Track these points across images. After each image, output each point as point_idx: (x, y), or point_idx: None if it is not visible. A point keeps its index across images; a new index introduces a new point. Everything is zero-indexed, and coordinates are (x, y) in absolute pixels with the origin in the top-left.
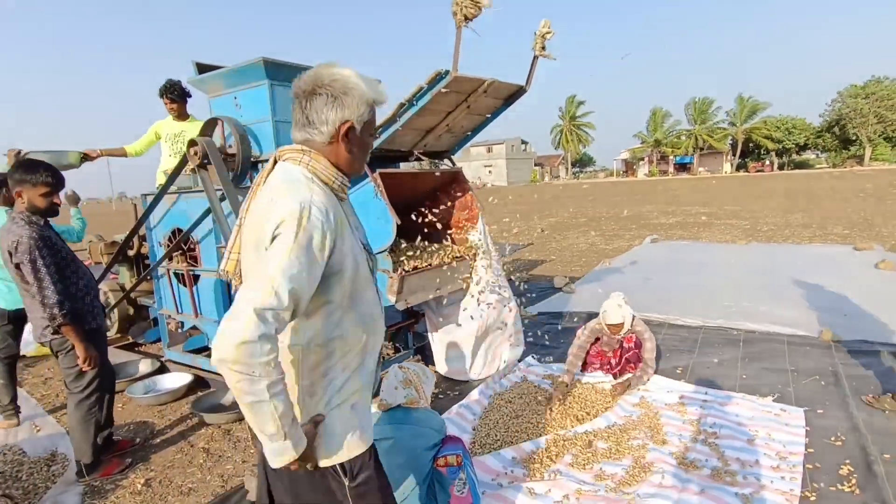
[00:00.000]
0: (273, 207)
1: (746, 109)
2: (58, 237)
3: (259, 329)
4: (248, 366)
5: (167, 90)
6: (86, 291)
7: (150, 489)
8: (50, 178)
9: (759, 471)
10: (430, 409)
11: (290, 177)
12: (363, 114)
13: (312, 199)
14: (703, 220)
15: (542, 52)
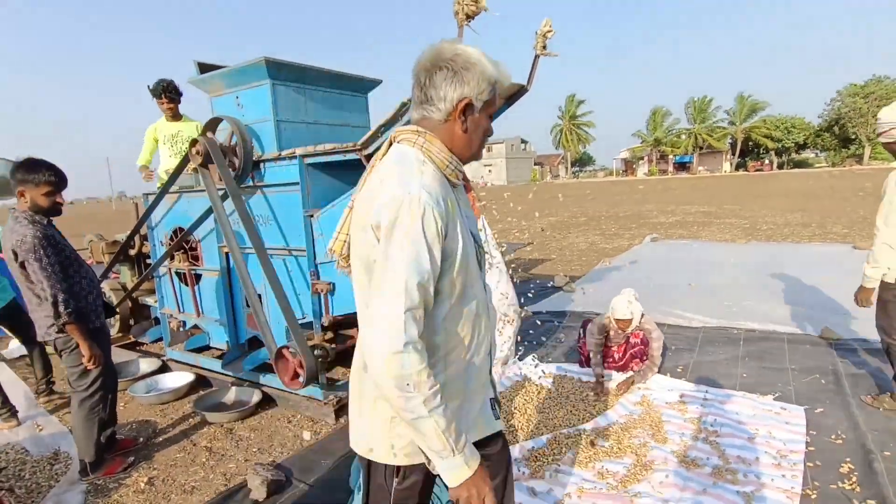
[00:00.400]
0: (383, 190)
1: (746, 108)
2: (61, 236)
3: (402, 336)
4: (400, 379)
5: (165, 90)
6: (89, 290)
7: (154, 488)
8: (52, 177)
9: (759, 469)
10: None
11: (403, 159)
12: (483, 91)
13: (423, 182)
14: (702, 219)
15: (544, 51)
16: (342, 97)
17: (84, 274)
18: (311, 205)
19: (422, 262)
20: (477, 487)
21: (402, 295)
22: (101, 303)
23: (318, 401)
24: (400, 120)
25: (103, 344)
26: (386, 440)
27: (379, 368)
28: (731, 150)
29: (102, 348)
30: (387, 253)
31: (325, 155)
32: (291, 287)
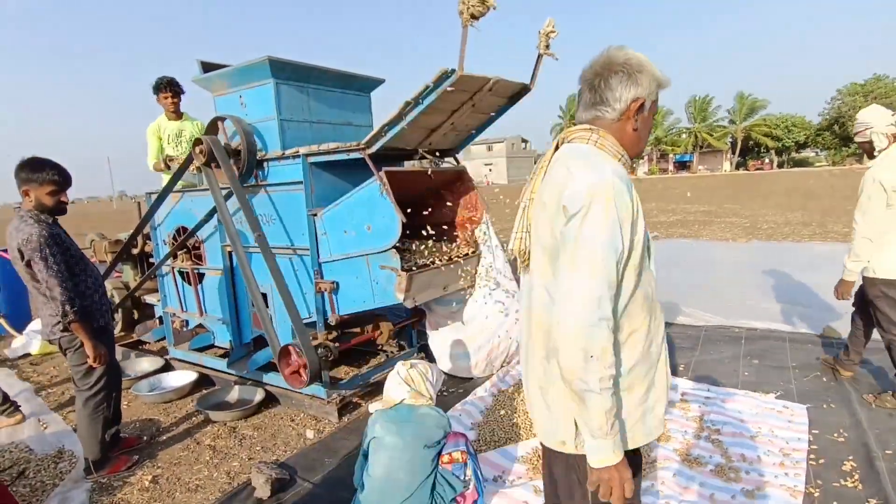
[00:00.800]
0: (575, 178)
1: (746, 107)
2: (66, 235)
3: (596, 311)
4: (585, 351)
5: (168, 85)
6: (94, 289)
7: (158, 486)
8: (56, 176)
9: (762, 467)
10: (434, 407)
11: (584, 153)
12: (653, 93)
13: (615, 170)
14: (703, 218)
15: (547, 51)
16: (345, 96)
17: (90, 273)
18: (314, 204)
19: (616, 242)
20: (619, 473)
21: (598, 272)
22: (106, 302)
23: (321, 399)
24: (404, 119)
25: (107, 343)
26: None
27: (567, 340)
28: (732, 149)
29: (107, 347)
30: (582, 233)
31: (329, 154)
32: (296, 286)
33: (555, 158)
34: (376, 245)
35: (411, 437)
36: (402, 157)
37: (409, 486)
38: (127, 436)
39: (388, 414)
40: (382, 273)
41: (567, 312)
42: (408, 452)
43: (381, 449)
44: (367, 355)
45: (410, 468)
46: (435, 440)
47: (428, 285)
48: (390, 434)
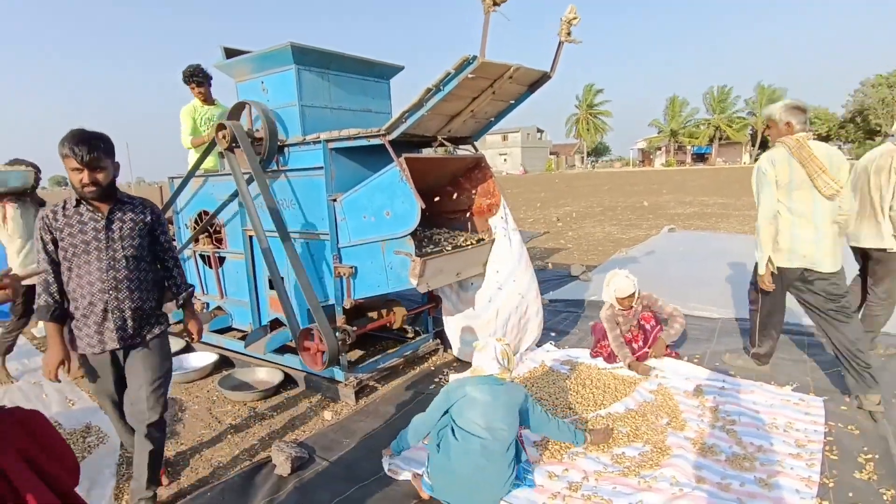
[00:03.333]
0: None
1: (766, 98)
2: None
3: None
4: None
5: (193, 74)
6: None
7: (182, 461)
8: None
9: (777, 458)
10: (515, 383)
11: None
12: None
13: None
14: (721, 210)
15: (568, 38)
16: (365, 83)
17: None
18: (334, 189)
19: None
20: None
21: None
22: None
23: (338, 382)
24: (424, 105)
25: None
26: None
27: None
28: (751, 141)
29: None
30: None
31: (350, 140)
32: (314, 270)
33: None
34: (395, 231)
35: (504, 397)
36: (421, 143)
37: (505, 441)
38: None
39: (476, 380)
40: (397, 258)
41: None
42: (501, 409)
43: (476, 406)
44: (383, 340)
45: (505, 420)
46: (519, 402)
47: (441, 271)
48: (484, 393)
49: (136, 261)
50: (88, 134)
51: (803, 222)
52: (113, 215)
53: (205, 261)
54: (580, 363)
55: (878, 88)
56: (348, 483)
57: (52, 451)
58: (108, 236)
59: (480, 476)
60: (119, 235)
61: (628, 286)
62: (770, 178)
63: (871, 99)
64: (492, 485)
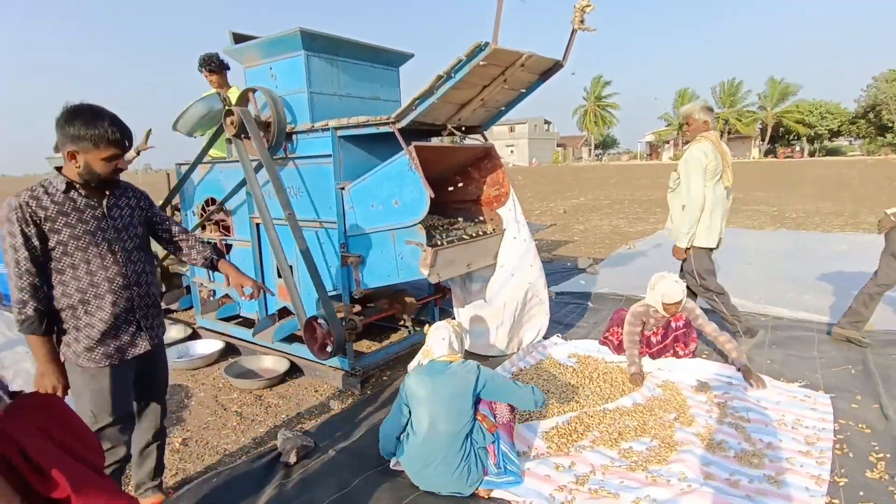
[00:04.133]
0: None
1: (777, 92)
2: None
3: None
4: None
5: (206, 62)
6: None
7: (188, 448)
8: (119, 134)
9: (787, 454)
10: (462, 361)
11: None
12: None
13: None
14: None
15: (581, 26)
16: (374, 70)
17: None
18: (342, 177)
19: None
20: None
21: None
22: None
23: (344, 371)
24: (435, 93)
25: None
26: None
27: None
28: (761, 135)
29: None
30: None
31: (359, 127)
32: (322, 259)
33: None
34: (403, 220)
35: (446, 390)
36: (430, 132)
37: (449, 434)
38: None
39: (421, 371)
40: (408, 248)
41: None
42: (443, 402)
43: (421, 404)
44: (390, 331)
45: (448, 418)
46: (469, 385)
47: (452, 261)
48: (425, 388)
49: (145, 252)
50: (111, 113)
51: (718, 206)
52: (110, 202)
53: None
54: (587, 356)
55: (891, 84)
56: (354, 472)
57: (75, 432)
58: (113, 225)
59: (431, 470)
60: (122, 224)
61: (677, 292)
62: (702, 167)
63: (884, 94)
64: (442, 477)
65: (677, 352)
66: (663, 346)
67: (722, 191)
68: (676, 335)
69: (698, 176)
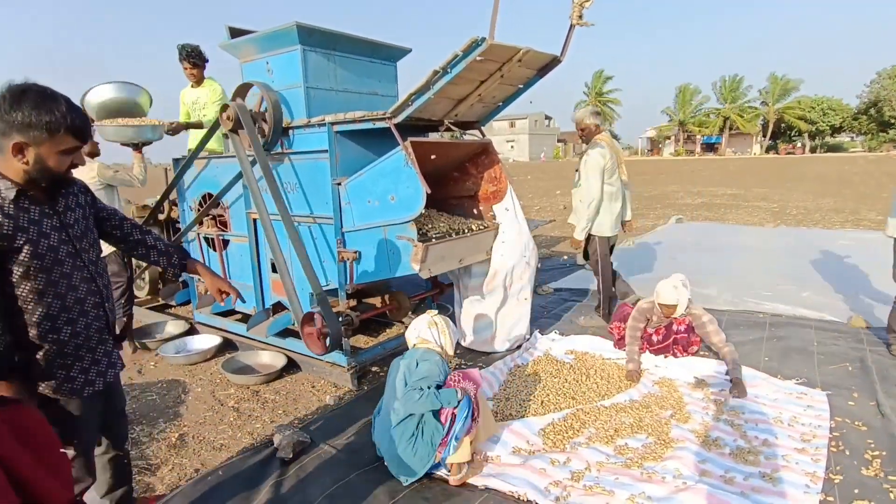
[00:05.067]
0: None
1: (779, 88)
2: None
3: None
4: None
5: (189, 55)
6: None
7: (184, 443)
8: (79, 121)
9: (782, 451)
10: (428, 349)
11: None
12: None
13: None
14: (729, 201)
15: (580, 21)
16: (372, 65)
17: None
18: (339, 173)
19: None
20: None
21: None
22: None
23: (341, 367)
24: (431, 88)
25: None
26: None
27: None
28: (762, 131)
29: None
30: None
31: (355, 123)
32: (318, 254)
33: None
34: (400, 216)
35: (402, 372)
36: (427, 128)
37: (399, 412)
38: (143, 496)
39: (401, 358)
40: (399, 243)
41: None
42: (399, 386)
43: (388, 386)
44: (387, 326)
45: (399, 395)
46: (417, 385)
47: (443, 257)
48: (392, 370)
49: (101, 260)
50: (65, 96)
51: (616, 200)
52: (60, 205)
53: (209, 243)
54: (585, 353)
55: (894, 80)
56: (350, 468)
57: (41, 458)
58: (73, 234)
59: (385, 443)
60: (80, 231)
61: (669, 295)
62: (600, 168)
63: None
64: (393, 450)
65: (675, 354)
66: (663, 346)
67: (619, 185)
68: (676, 338)
69: (596, 177)
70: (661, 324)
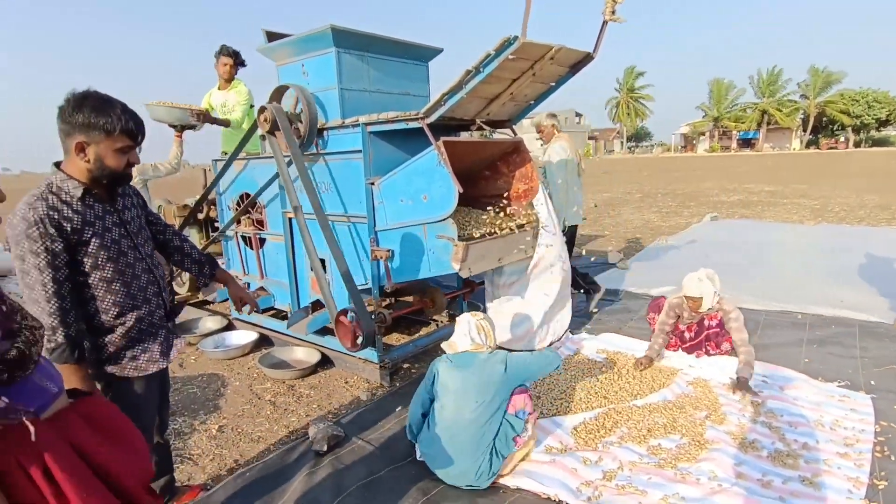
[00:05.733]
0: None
1: (820, 81)
2: (120, 219)
3: None
4: None
5: (235, 54)
6: (129, 310)
7: (224, 434)
8: (132, 123)
9: (824, 456)
10: (492, 352)
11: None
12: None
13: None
14: (767, 198)
15: (613, 17)
16: (404, 65)
17: (134, 284)
18: (372, 172)
19: None
20: None
21: None
22: (156, 329)
23: (373, 363)
24: (464, 88)
25: (128, 395)
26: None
27: None
28: (802, 126)
29: (132, 399)
30: None
31: (388, 123)
32: (353, 253)
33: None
34: (432, 215)
35: (474, 382)
36: (459, 127)
37: (474, 424)
38: (186, 485)
39: (452, 360)
40: (439, 242)
41: None
42: (472, 396)
43: (448, 393)
44: (419, 324)
45: (475, 408)
46: (498, 375)
47: (483, 256)
48: (454, 380)
49: (155, 254)
50: (121, 101)
51: (575, 191)
52: (119, 204)
53: (246, 242)
54: (616, 352)
55: None
56: (382, 462)
57: (123, 448)
58: (131, 230)
59: (451, 461)
60: (137, 227)
61: (694, 290)
62: (564, 162)
63: None
64: (460, 468)
65: (709, 351)
66: (696, 343)
67: (577, 178)
68: (708, 334)
69: (561, 170)
70: (693, 320)
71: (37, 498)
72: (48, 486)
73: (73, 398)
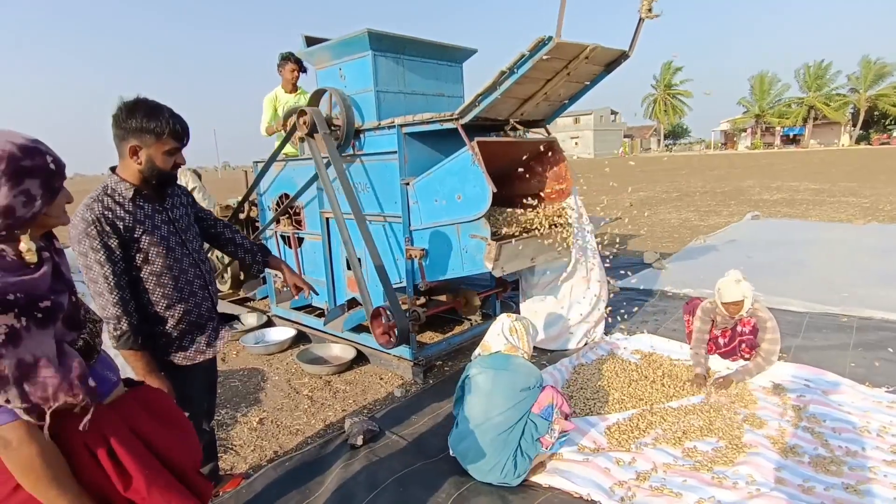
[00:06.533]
0: None
1: (872, 74)
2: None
3: None
4: None
5: (299, 61)
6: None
7: (263, 427)
8: (178, 126)
9: (869, 463)
10: (528, 365)
11: None
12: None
13: None
14: (813, 197)
15: (649, 14)
16: (439, 67)
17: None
18: (407, 173)
19: None
20: None
21: None
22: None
23: (408, 361)
24: (498, 88)
25: (183, 380)
26: None
27: None
28: (852, 120)
29: (184, 386)
30: None
31: (423, 124)
32: (388, 252)
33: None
34: (466, 214)
35: (505, 384)
36: (493, 127)
37: (502, 426)
38: (229, 473)
39: (485, 360)
40: (472, 242)
41: None
42: (501, 398)
43: (478, 393)
44: (453, 322)
45: (503, 411)
46: (527, 387)
47: (517, 255)
48: (486, 380)
49: (203, 250)
50: (168, 107)
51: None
52: (168, 204)
53: (285, 241)
54: (651, 353)
55: None
56: (416, 457)
57: (176, 434)
58: (179, 227)
59: (475, 455)
60: (185, 224)
61: (734, 293)
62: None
63: None
64: (487, 465)
65: (743, 356)
66: (730, 349)
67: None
68: (742, 339)
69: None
70: (727, 325)
71: (101, 477)
72: (113, 466)
73: (128, 387)
